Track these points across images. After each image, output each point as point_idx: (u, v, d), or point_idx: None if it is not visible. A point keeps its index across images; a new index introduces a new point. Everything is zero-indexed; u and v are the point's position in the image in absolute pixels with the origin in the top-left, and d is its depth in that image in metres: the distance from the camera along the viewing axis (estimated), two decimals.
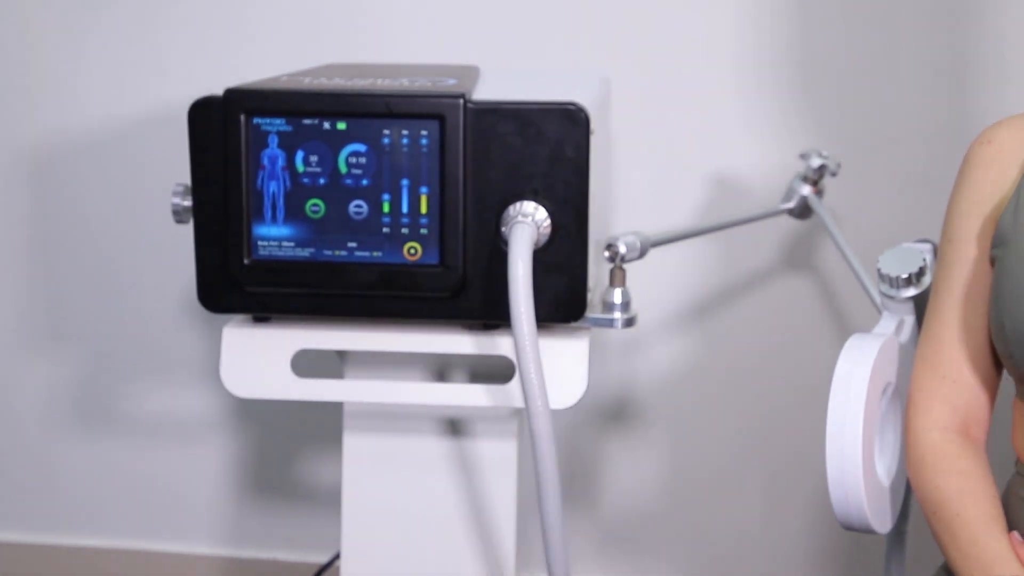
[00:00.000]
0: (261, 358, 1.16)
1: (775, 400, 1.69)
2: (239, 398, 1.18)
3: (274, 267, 1.12)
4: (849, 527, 1.10)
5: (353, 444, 1.28)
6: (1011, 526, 1.05)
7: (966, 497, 1.04)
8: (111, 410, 1.83)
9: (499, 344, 1.15)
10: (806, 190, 1.53)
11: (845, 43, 1.59)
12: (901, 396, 1.18)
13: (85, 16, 1.70)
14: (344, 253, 1.11)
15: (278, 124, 1.10)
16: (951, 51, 1.57)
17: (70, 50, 1.72)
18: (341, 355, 1.24)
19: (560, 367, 1.14)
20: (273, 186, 1.11)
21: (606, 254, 1.18)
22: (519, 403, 1.14)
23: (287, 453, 1.82)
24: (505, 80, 1.25)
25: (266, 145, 1.10)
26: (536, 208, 1.10)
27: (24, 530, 1.87)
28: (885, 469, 1.15)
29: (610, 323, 1.16)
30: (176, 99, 1.59)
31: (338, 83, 1.14)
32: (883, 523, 1.13)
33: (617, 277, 1.17)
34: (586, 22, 1.63)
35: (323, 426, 1.78)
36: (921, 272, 1.22)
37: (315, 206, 1.11)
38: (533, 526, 1.54)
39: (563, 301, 1.12)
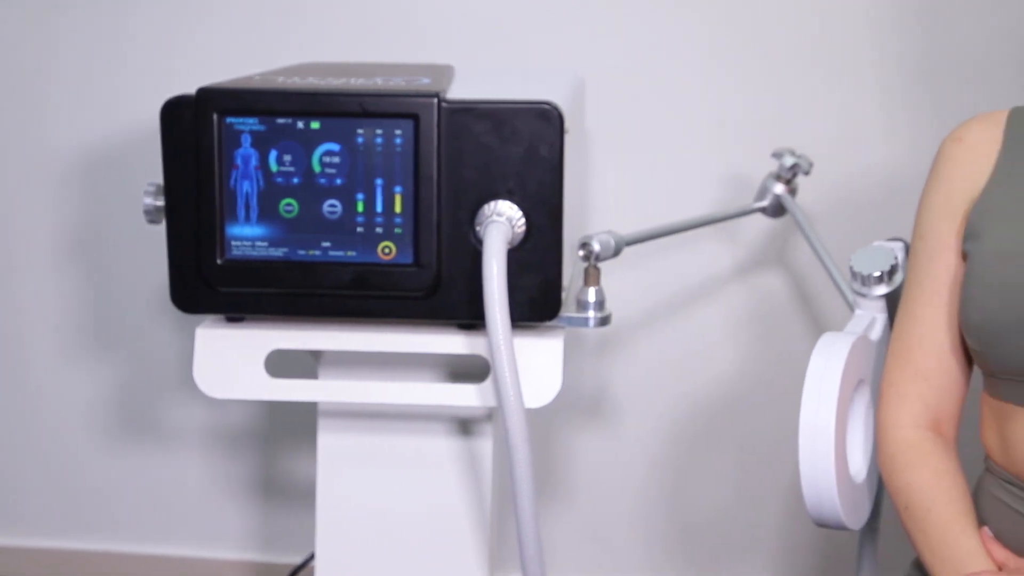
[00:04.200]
0: (235, 359, 1.16)
1: (749, 397, 1.70)
2: (212, 399, 1.18)
3: (247, 267, 1.11)
4: (822, 524, 1.10)
5: (327, 443, 1.27)
6: (981, 521, 1.06)
7: (937, 493, 1.05)
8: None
9: (474, 343, 1.15)
10: (779, 189, 1.53)
11: (818, 41, 1.60)
12: (873, 393, 1.18)
13: (55, 16, 1.69)
14: (318, 253, 1.11)
15: (251, 123, 1.09)
16: (922, 49, 1.58)
17: (45, 53, 1.70)
18: (315, 355, 1.24)
19: (535, 366, 1.14)
20: (246, 186, 1.10)
21: (580, 253, 1.18)
22: (494, 402, 1.14)
23: (261, 453, 1.82)
24: (479, 79, 1.25)
25: (239, 144, 1.10)
26: (510, 207, 1.10)
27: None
28: (857, 466, 1.16)
29: (584, 322, 1.17)
30: (148, 99, 1.58)
31: (312, 82, 1.14)
32: (856, 520, 1.14)
33: (591, 276, 1.18)
34: (561, 22, 1.63)
35: (297, 425, 1.77)
36: (893, 270, 1.23)
37: (289, 205, 1.11)
38: (509, 525, 1.55)
39: (537, 300, 1.12)
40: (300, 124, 1.09)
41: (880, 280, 1.23)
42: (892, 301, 1.23)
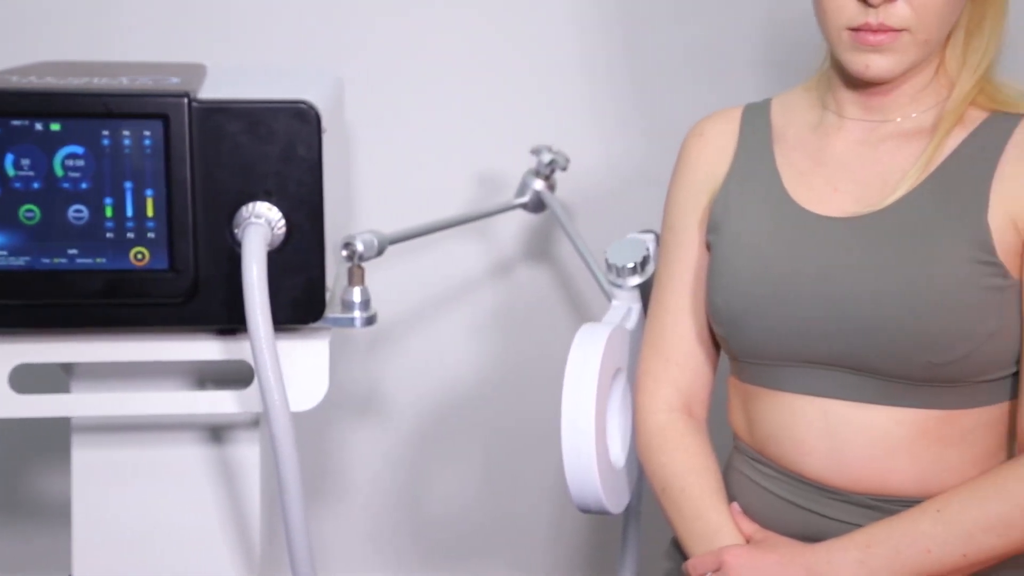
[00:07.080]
0: None
1: (513, 389, 1.74)
2: None
3: None
4: (586, 509, 1.14)
5: (82, 459, 1.21)
6: (731, 497, 1.12)
7: (690, 474, 1.10)
8: None
9: (236, 348, 1.13)
10: (539, 185, 1.57)
11: (568, 43, 1.65)
12: (630, 381, 1.23)
13: None
14: (64, 260, 1.06)
15: None
16: (669, 48, 1.65)
17: None
18: (67, 368, 1.18)
19: (300, 368, 1.13)
20: None
21: (344, 253, 1.18)
22: (259, 408, 1.12)
23: (6, 473, 1.71)
24: (233, 78, 1.22)
25: None
26: (269, 208, 1.08)
27: None
28: (617, 452, 1.20)
29: (350, 322, 1.16)
30: None
31: (50, 82, 1.08)
32: (617, 504, 1.18)
33: (356, 275, 1.17)
34: (318, 20, 1.61)
35: (46, 442, 1.68)
36: (645, 261, 1.28)
37: (29, 212, 1.05)
38: (282, 528, 1.52)
39: (301, 302, 1.11)
40: (39, 126, 1.04)
41: (633, 271, 1.28)
42: (646, 291, 1.28)
